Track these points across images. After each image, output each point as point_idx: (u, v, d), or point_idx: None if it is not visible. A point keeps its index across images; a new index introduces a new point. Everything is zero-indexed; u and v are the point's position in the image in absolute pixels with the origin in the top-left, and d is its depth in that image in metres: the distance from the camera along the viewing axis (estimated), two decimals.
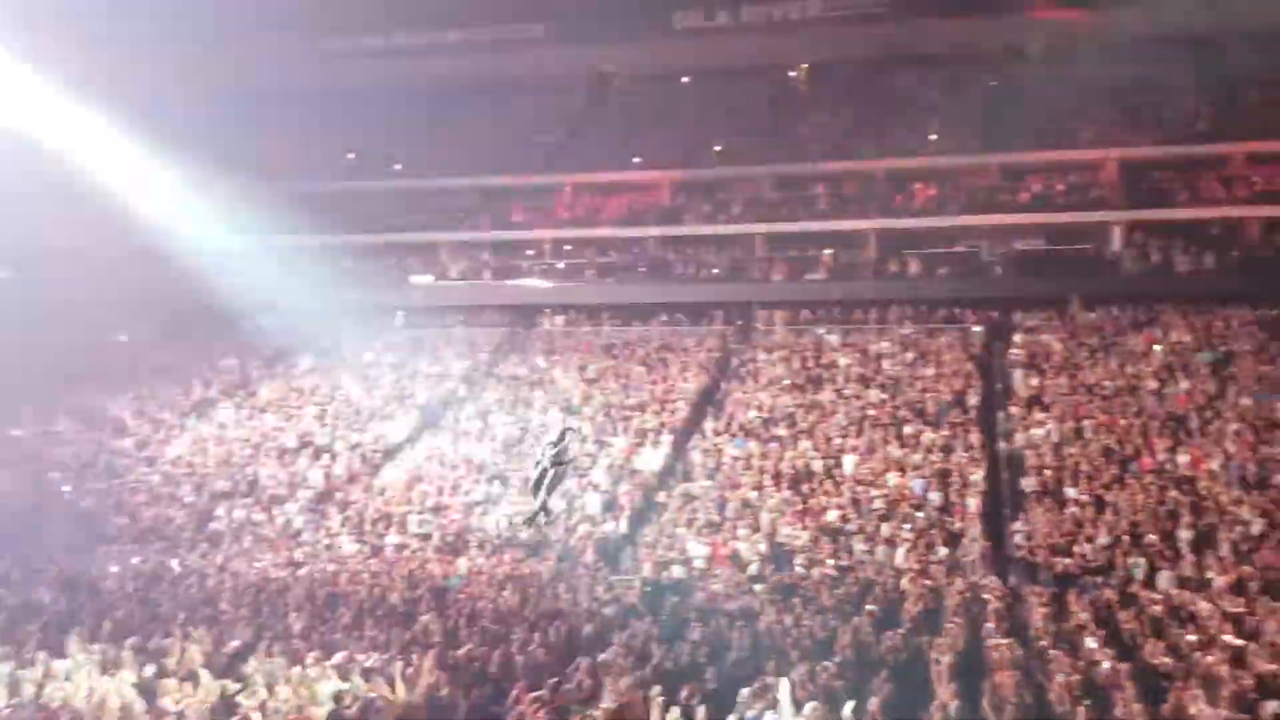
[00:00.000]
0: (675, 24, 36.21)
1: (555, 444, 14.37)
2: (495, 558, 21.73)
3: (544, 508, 14.56)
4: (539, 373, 30.54)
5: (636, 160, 36.07)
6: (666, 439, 26.23)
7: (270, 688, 12.74)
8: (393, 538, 23.40)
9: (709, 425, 26.63)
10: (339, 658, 13.86)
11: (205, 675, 13.17)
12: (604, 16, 36.45)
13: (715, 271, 33.40)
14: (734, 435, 25.95)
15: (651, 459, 25.48)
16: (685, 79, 39.01)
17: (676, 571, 20.76)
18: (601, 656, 13.49)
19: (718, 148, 35.70)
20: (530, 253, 35.64)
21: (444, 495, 24.84)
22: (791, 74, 38.16)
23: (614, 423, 27.14)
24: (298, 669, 13.51)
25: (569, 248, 35.24)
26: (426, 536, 23.35)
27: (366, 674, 13.23)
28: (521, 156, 36.76)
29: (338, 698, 12.31)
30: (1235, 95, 32.63)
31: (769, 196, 34.57)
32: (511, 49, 37.72)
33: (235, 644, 14.85)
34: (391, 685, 12.79)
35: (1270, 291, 27.73)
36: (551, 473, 14.30)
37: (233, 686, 12.92)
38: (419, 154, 37.53)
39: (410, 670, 13.32)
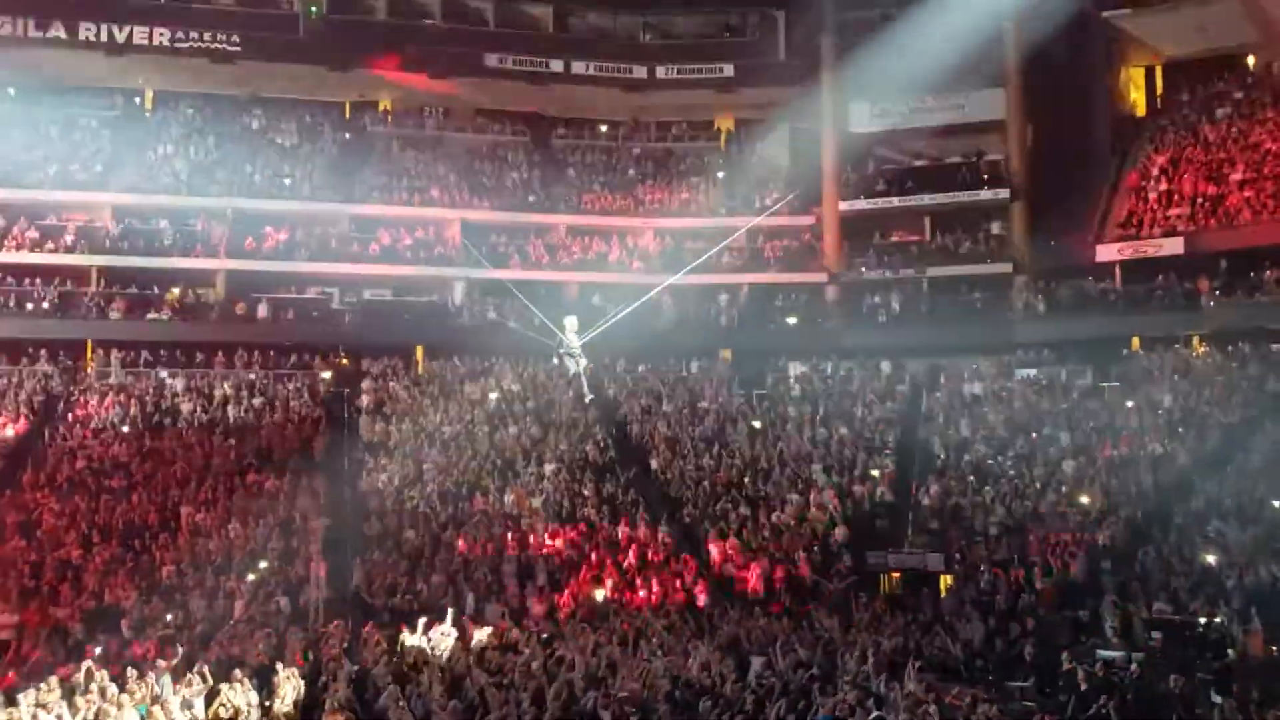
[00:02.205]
0: None
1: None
2: None
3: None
4: None
5: None
6: None
7: None
8: None
9: (26, 478, 23.86)
10: None
11: None
12: None
13: (40, 305, 30.06)
14: (58, 488, 23.55)
15: None
16: (10, 90, 34.82)
17: None
18: None
19: (51, 169, 32.31)
20: None
21: None
22: (137, 100, 35.88)
23: None
24: None
25: None
26: None
27: None
28: None
29: None
30: (558, 172, 37.06)
31: (107, 227, 31.98)
32: None
33: None
34: None
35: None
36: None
37: None
38: None
39: None
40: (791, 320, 34.14)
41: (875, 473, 26.35)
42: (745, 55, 37.01)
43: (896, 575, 22.97)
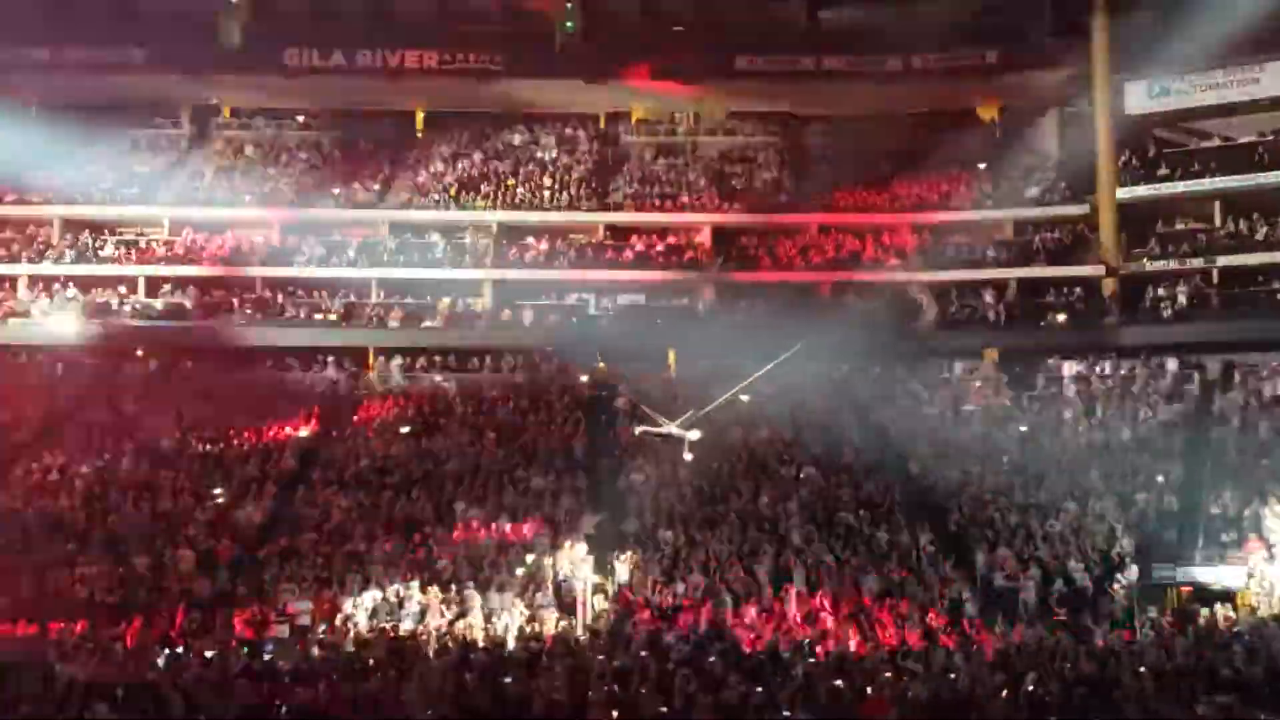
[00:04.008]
0: (286, 60, 35.10)
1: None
2: None
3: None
4: (127, 418, 28.20)
5: (246, 197, 34.49)
6: (271, 489, 25.09)
7: None
8: None
9: (317, 476, 25.74)
10: None
11: None
12: (209, 46, 34.84)
13: (327, 315, 32.46)
14: (344, 485, 25.27)
15: (254, 511, 24.23)
16: (300, 117, 37.95)
17: (278, 630, 19.81)
18: None
19: (334, 189, 34.98)
20: (123, 289, 32.80)
21: None
22: (410, 121, 38.21)
23: (212, 473, 25.58)
24: None
25: (167, 286, 32.85)
26: None
27: None
28: (116, 186, 34.10)
29: None
30: (810, 170, 36.54)
31: (384, 241, 34.19)
32: (108, 72, 34.84)
33: None
34: None
35: (835, 348, 31.10)
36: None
37: None
38: None
39: None
40: (1061, 317, 32.17)
41: (1160, 479, 24.39)
42: (1008, 39, 35.12)
43: (1186, 590, 21.15)
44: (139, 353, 31.64)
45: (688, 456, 22.72)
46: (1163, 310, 31.24)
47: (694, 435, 21.79)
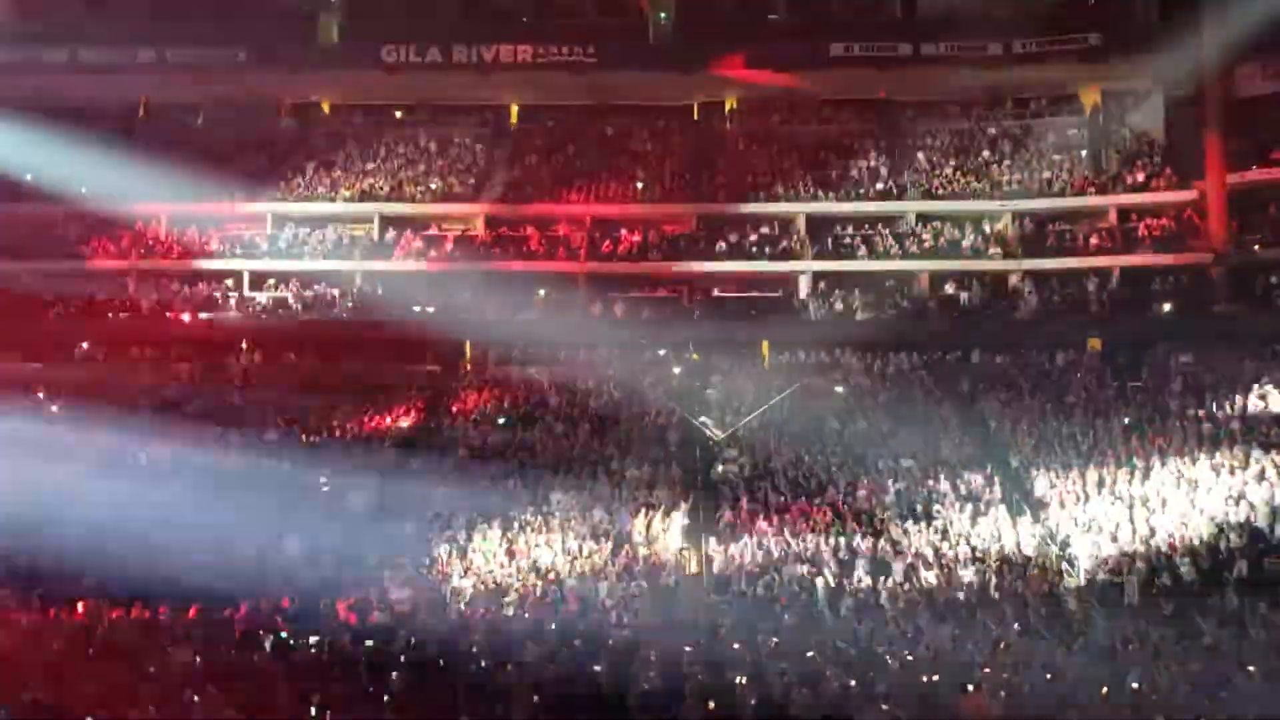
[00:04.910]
0: (384, 57, 35.75)
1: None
2: None
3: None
4: (232, 410, 29.10)
5: (345, 193, 35.28)
6: (376, 479, 25.66)
7: None
8: None
9: (415, 465, 26.22)
10: None
11: None
12: (309, 45, 35.66)
13: (425, 309, 32.97)
14: (444, 475, 25.69)
15: (358, 500, 24.80)
16: (397, 113, 38.69)
17: (380, 617, 20.23)
18: None
19: (432, 183, 35.57)
20: (229, 283, 33.87)
21: None
22: (504, 115, 38.64)
23: (316, 463, 26.22)
24: None
25: (271, 280, 33.77)
26: None
27: None
28: (220, 184, 35.13)
29: None
30: (908, 158, 35.99)
31: (480, 234, 34.64)
32: (211, 73, 35.91)
33: None
34: None
35: (935, 338, 30.66)
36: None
37: None
38: (106, 178, 34.82)
39: None
40: (1168, 306, 31.20)
41: (1273, 470, 23.51)
42: (1113, 21, 34.13)
43: None
44: (244, 345, 32.55)
45: (719, 468, 23.47)
46: (1275, 298, 30.10)
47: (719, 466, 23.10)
